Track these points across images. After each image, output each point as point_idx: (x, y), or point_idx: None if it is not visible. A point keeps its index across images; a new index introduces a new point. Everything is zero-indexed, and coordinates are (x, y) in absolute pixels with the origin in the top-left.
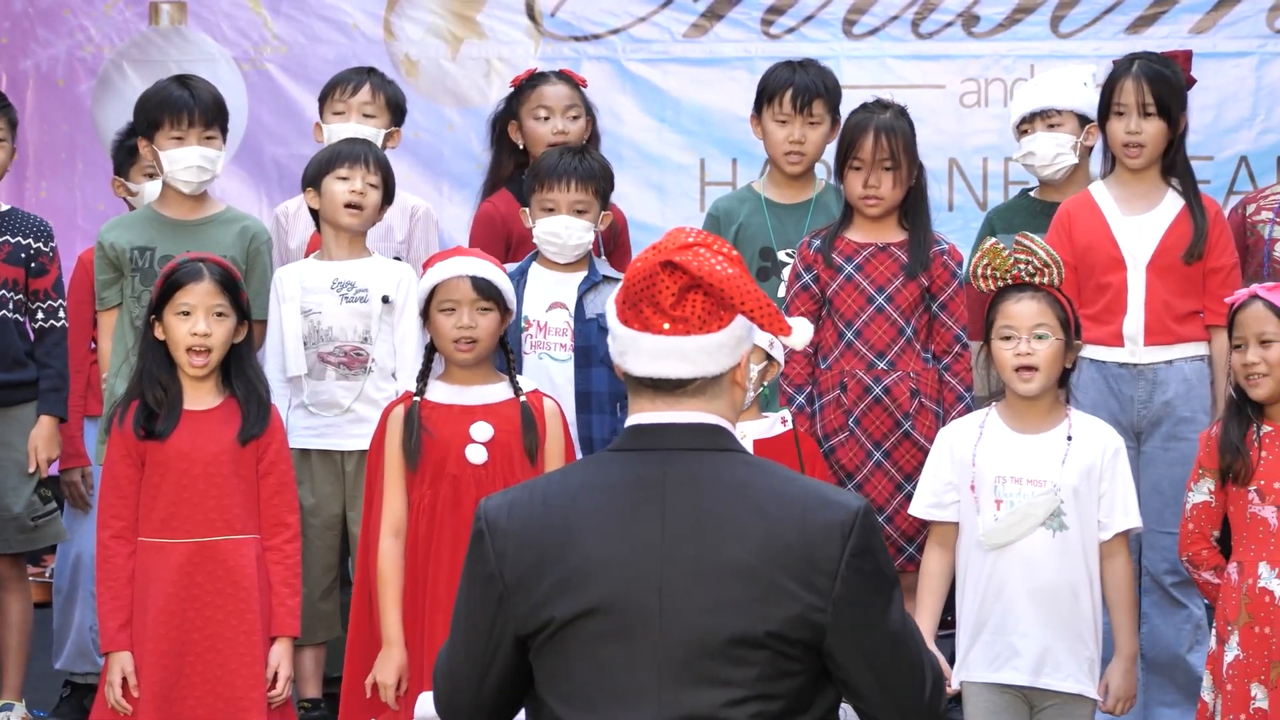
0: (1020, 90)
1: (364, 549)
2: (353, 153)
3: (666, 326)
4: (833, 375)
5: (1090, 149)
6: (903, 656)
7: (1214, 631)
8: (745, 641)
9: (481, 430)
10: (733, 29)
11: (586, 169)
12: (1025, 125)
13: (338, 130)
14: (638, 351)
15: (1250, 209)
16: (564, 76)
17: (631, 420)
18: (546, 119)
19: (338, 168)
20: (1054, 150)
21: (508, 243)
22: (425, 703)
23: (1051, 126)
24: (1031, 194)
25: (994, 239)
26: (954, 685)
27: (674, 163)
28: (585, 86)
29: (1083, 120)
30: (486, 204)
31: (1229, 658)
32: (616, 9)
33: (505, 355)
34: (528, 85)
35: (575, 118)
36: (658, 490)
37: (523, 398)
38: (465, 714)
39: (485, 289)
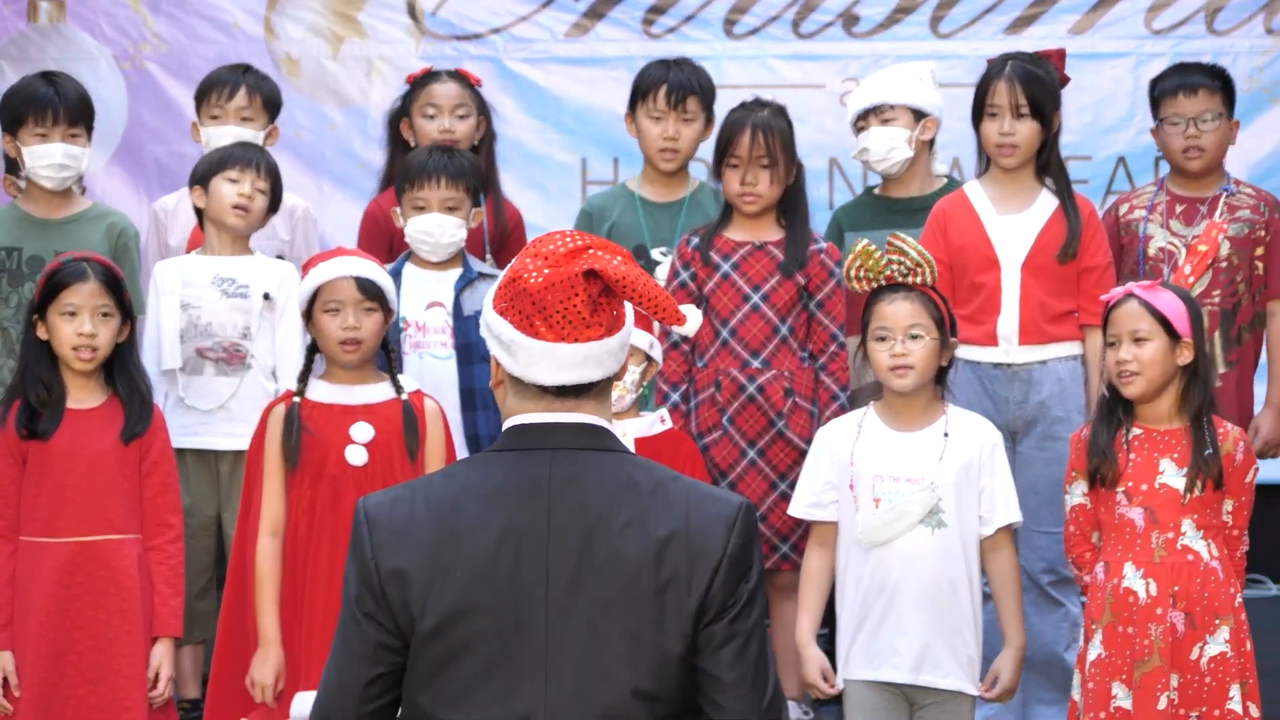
0: (855, 89)
1: (238, 548)
2: (245, 157)
3: (583, 334)
4: (708, 373)
5: (927, 143)
6: (759, 656)
7: (1083, 630)
8: (632, 639)
9: (362, 431)
10: (614, 29)
11: (456, 166)
12: (861, 122)
13: (216, 134)
14: (552, 362)
15: (1124, 209)
16: (456, 75)
17: (513, 420)
18: (434, 117)
19: (229, 169)
20: (888, 145)
21: (390, 241)
22: (302, 703)
23: (885, 122)
24: (875, 191)
25: (865, 240)
26: (838, 684)
27: (556, 162)
28: (479, 86)
29: (918, 115)
30: (372, 203)
31: (1092, 656)
32: (498, 8)
33: (386, 355)
34: (419, 84)
35: (463, 116)
36: (543, 489)
37: (404, 397)
38: (346, 714)
39: (370, 289)
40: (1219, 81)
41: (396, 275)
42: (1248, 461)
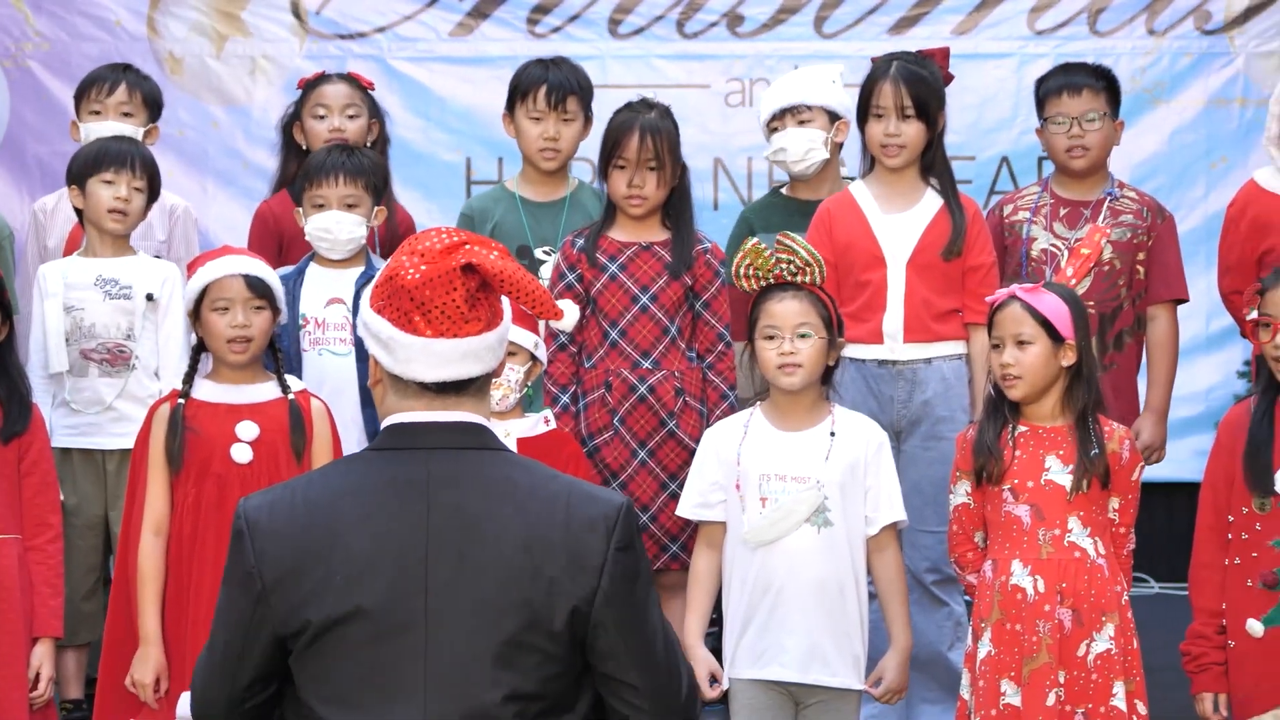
0: (769, 88)
1: (124, 548)
2: (118, 155)
3: (461, 329)
4: (597, 374)
5: (840, 145)
6: (662, 654)
7: (971, 629)
8: (511, 639)
9: (247, 429)
10: (498, 28)
11: (355, 164)
12: (775, 122)
13: (95, 129)
14: (431, 357)
15: (1007, 209)
16: (346, 77)
17: (392, 419)
18: (324, 117)
19: (103, 171)
20: (805, 146)
21: (280, 241)
22: (186, 702)
23: (802, 123)
24: (783, 191)
25: (755, 239)
26: (724, 684)
27: (440, 161)
28: (372, 89)
29: (832, 116)
30: (263, 204)
31: (981, 654)
32: (382, 7)
33: (274, 355)
34: (310, 86)
35: (353, 116)
36: (422, 489)
37: (291, 396)
38: (221, 713)
39: (259, 287)
40: (1103, 82)
41: (301, 274)
42: (1134, 460)
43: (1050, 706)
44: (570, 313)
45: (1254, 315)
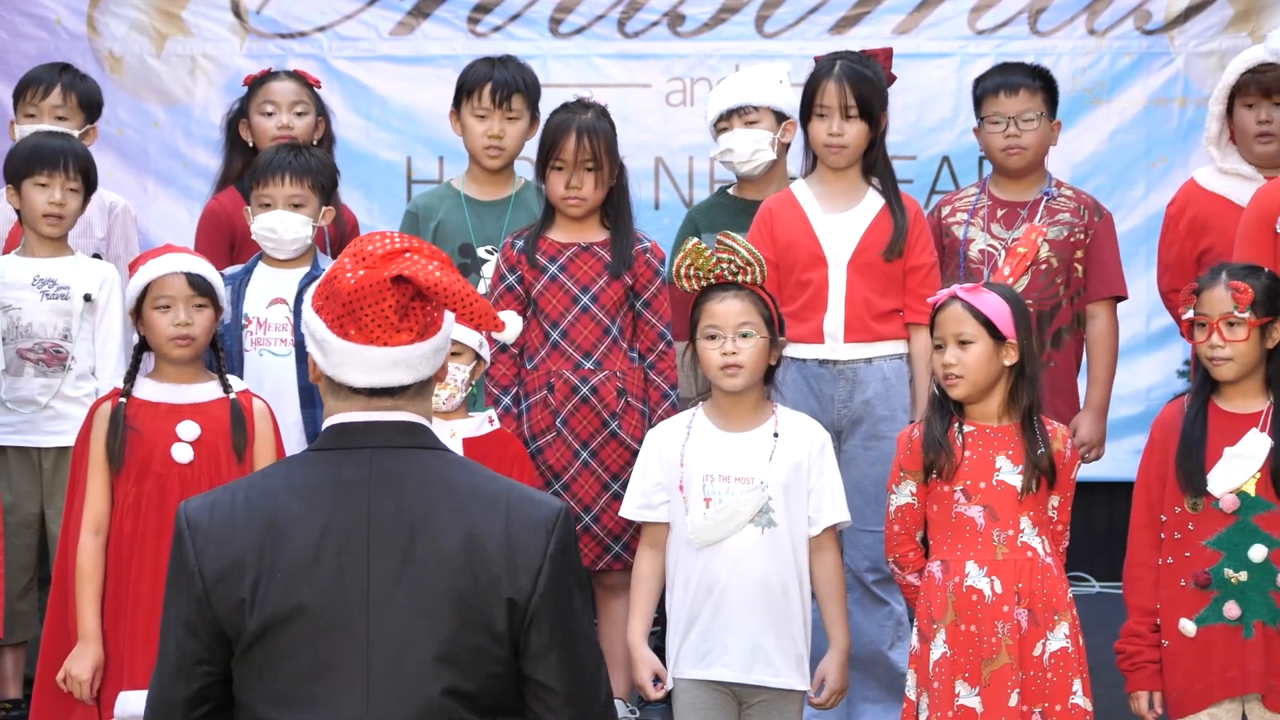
0: (716, 89)
1: (64, 547)
2: (51, 157)
3: (392, 338)
4: (539, 375)
5: (786, 145)
6: (588, 659)
7: (916, 629)
8: (451, 637)
9: (188, 429)
10: (439, 27)
11: (302, 164)
12: (723, 123)
13: (29, 134)
14: (361, 364)
15: (945, 211)
16: (294, 74)
17: (334, 419)
18: (272, 114)
19: (37, 173)
20: (752, 147)
21: (231, 240)
22: (125, 702)
23: (749, 124)
24: (729, 191)
25: (696, 239)
26: (668, 684)
27: (381, 161)
28: (319, 87)
29: (779, 117)
30: (212, 201)
31: (935, 655)
32: (323, 6)
33: (215, 355)
34: (258, 83)
35: (301, 114)
36: (363, 488)
37: (233, 396)
38: (174, 714)
39: (201, 285)
40: (1040, 81)
41: (248, 273)
42: (1074, 458)
43: (1012, 707)
44: (513, 324)
45: (1190, 315)
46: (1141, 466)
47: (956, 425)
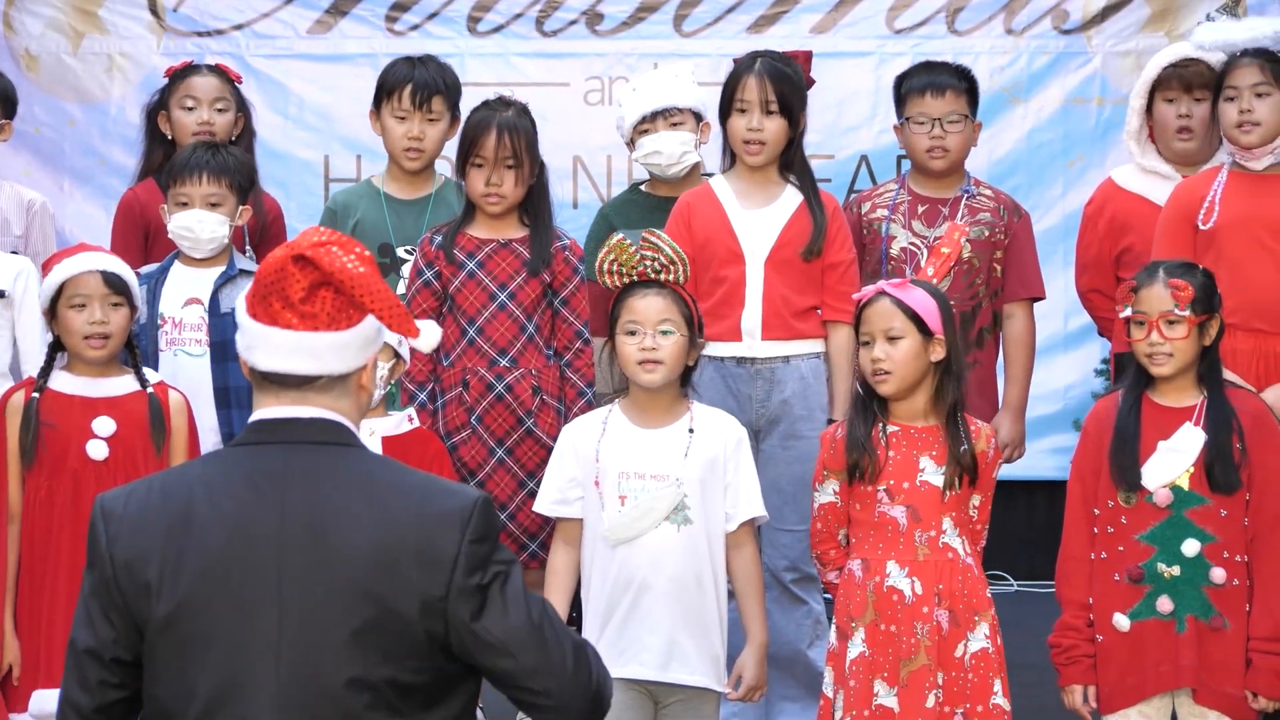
0: (630, 91)
1: None
2: None
3: (295, 321)
4: (455, 372)
5: (701, 145)
6: (535, 636)
7: (834, 627)
8: (363, 630)
9: (104, 425)
10: (357, 25)
11: (220, 163)
12: (645, 125)
13: None
14: (266, 346)
15: (865, 207)
16: (215, 69)
17: (255, 415)
18: (192, 109)
19: None
20: (680, 149)
21: (146, 231)
22: (42, 700)
23: (675, 125)
24: (643, 188)
25: (620, 235)
26: None
27: (298, 159)
28: (240, 83)
29: (697, 117)
30: (128, 192)
31: (853, 654)
32: (240, 4)
33: (130, 352)
34: (178, 76)
35: (221, 110)
36: (278, 483)
37: (149, 390)
38: (88, 708)
39: (116, 284)
40: (965, 83)
41: (165, 271)
42: (997, 456)
43: (929, 708)
44: (430, 333)
45: (1127, 313)
46: (1075, 461)
47: (880, 425)
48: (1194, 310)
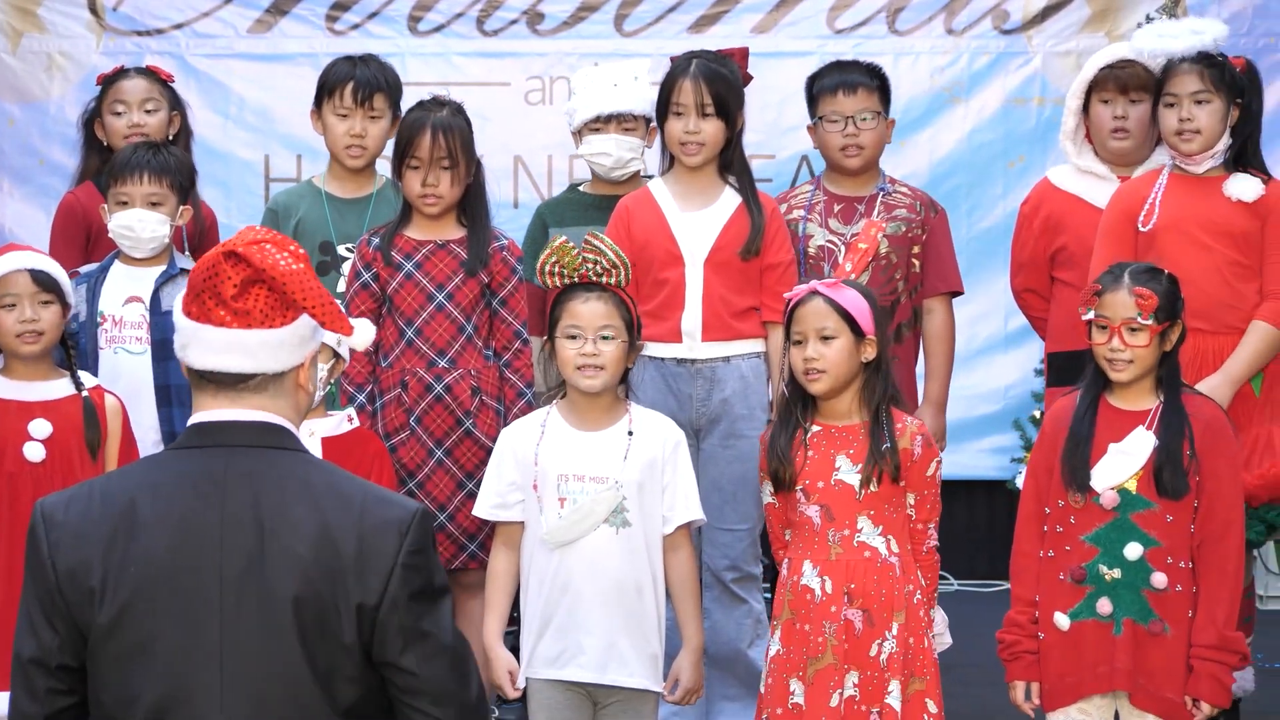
0: (585, 87)
1: None
2: None
3: (228, 319)
4: (394, 374)
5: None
6: (451, 657)
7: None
8: (304, 637)
9: (40, 428)
10: (297, 25)
11: (160, 162)
12: (598, 124)
13: None
14: (200, 343)
15: (783, 208)
16: (145, 71)
17: (193, 418)
18: (122, 113)
19: None
20: (627, 154)
21: (88, 233)
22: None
23: (626, 130)
24: (582, 188)
25: (563, 237)
26: (520, 684)
27: (239, 159)
28: (172, 82)
29: (647, 122)
30: (69, 195)
31: (772, 651)
32: (180, 4)
33: (66, 352)
34: (109, 82)
35: (151, 111)
36: (218, 486)
37: (84, 393)
38: (38, 710)
39: (45, 282)
40: (877, 81)
41: (105, 271)
42: (928, 455)
43: (833, 708)
44: (364, 331)
45: (1090, 315)
46: (1031, 458)
47: (803, 430)
48: (1157, 318)
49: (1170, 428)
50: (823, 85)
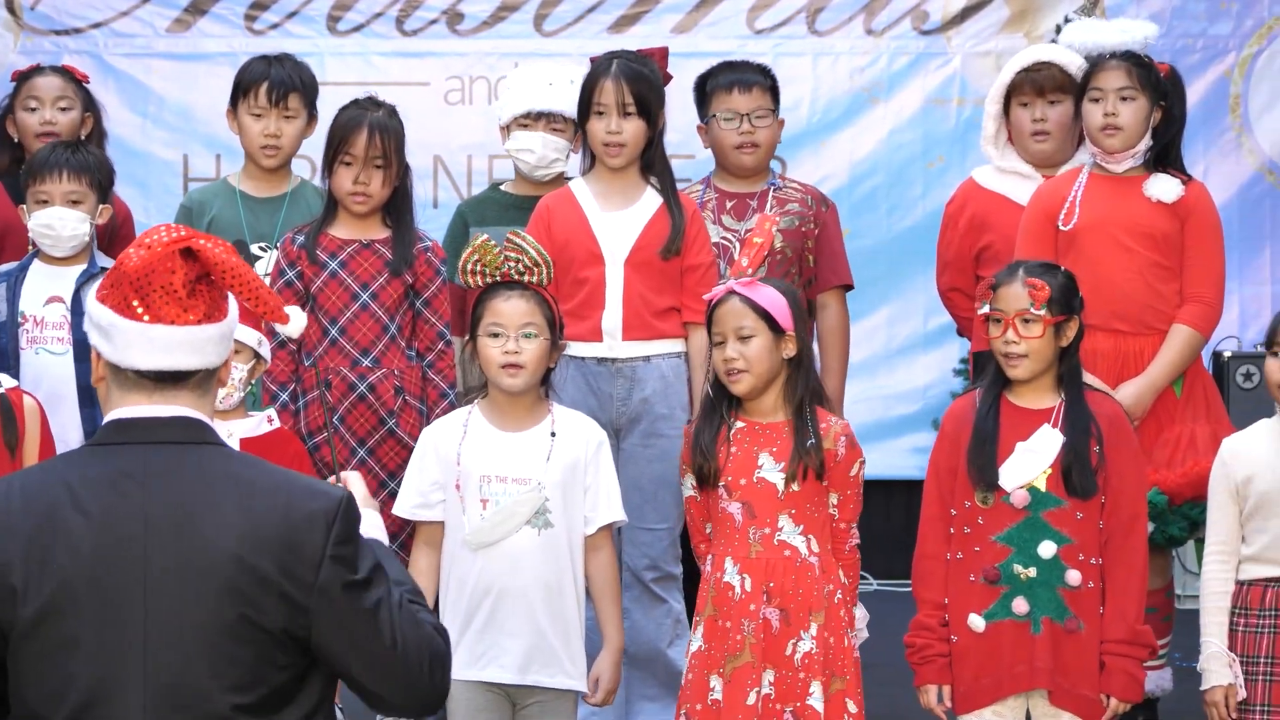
0: (518, 83)
1: None
2: None
3: (180, 316)
4: (317, 372)
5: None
6: (395, 639)
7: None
8: (229, 631)
9: None
10: (216, 24)
11: (79, 161)
12: (526, 121)
13: None
14: (148, 344)
15: None
16: (60, 69)
17: (112, 415)
18: (35, 110)
19: None
20: (553, 155)
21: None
22: None
23: (555, 130)
24: (503, 187)
25: (484, 235)
26: None
27: (157, 159)
28: (87, 82)
29: (574, 125)
30: None
31: (693, 648)
32: (98, 3)
33: None
34: (23, 78)
35: (64, 109)
36: (140, 483)
37: (2, 392)
38: None
39: None
40: (769, 80)
41: (24, 271)
42: (852, 455)
43: (750, 705)
44: (297, 319)
45: (985, 310)
46: (932, 459)
47: (727, 427)
48: (1050, 310)
49: (1076, 426)
50: (717, 83)
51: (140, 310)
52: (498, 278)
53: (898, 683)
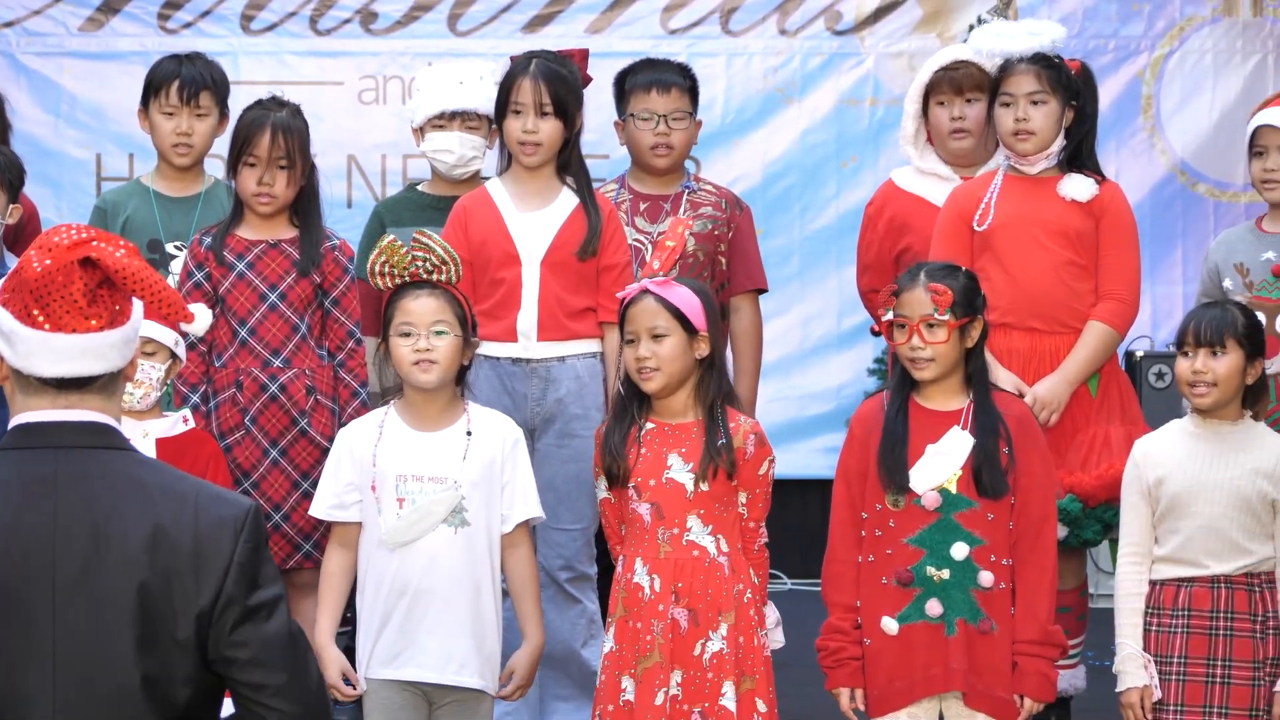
0: (430, 82)
1: None
2: None
3: (82, 324)
4: (228, 374)
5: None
6: (291, 655)
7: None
8: (139, 638)
9: None
10: (129, 23)
11: None
12: (441, 121)
13: None
14: (51, 352)
15: None
16: None
17: (19, 419)
18: None
19: None
20: (470, 153)
21: None
22: None
23: (470, 129)
24: (420, 187)
25: (391, 236)
26: (361, 685)
27: (70, 158)
28: None
29: (490, 122)
30: None
31: (606, 648)
32: (10, 1)
33: None
34: None
35: None
36: (49, 488)
37: None
38: None
39: None
40: (689, 81)
41: None
42: (761, 453)
43: (659, 706)
44: (202, 317)
45: (890, 316)
46: (841, 462)
47: (637, 427)
48: (954, 314)
49: (985, 428)
50: (635, 82)
51: (41, 319)
52: (406, 278)
53: (814, 682)
